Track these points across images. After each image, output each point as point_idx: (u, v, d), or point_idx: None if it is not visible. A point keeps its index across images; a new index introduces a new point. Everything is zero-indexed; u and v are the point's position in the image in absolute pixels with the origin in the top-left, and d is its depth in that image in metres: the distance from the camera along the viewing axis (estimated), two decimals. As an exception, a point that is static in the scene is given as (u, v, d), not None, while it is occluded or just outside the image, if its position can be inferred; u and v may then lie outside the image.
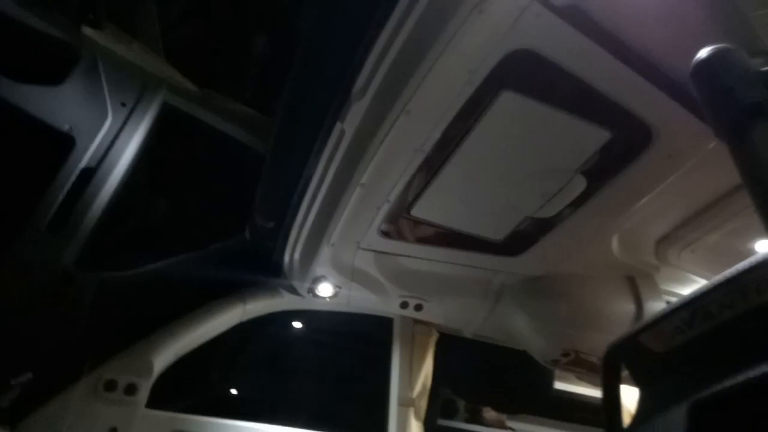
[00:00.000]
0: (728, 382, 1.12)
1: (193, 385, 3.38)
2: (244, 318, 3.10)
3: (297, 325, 3.64)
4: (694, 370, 1.20)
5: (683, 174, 2.55)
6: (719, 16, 1.94)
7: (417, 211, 2.76)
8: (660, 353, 1.29)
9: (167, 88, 3.55)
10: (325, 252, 2.86)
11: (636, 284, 3.33)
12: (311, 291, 3.10)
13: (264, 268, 3.12)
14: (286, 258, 2.97)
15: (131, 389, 2.78)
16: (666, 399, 1.23)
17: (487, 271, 3.23)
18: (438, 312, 3.44)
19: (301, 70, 2.64)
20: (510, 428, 4.74)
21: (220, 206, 3.69)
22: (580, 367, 3.35)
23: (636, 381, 1.37)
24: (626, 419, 1.53)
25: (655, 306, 3.17)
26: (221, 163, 3.88)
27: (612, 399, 1.41)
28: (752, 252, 2.66)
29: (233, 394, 3.61)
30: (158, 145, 3.48)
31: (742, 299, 1.13)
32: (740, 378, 1.10)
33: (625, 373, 1.56)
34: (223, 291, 3.15)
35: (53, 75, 3.03)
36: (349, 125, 2.23)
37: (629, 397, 1.54)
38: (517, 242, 3.01)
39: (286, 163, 2.79)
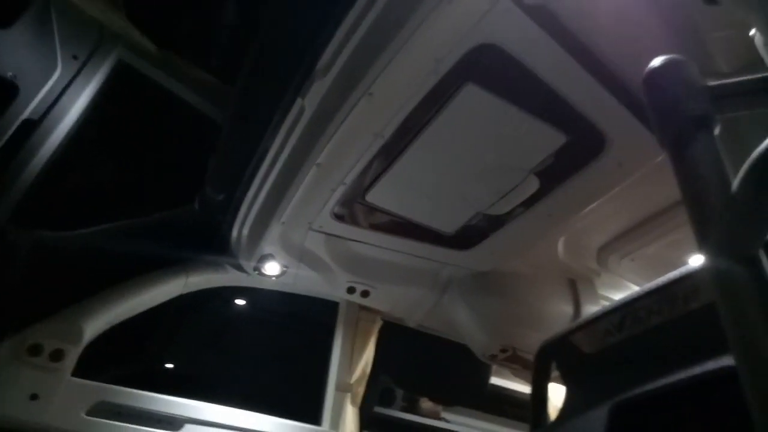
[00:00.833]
0: (649, 386, 1.17)
1: (125, 356, 3.27)
2: (186, 290, 3.01)
3: (239, 301, 3.57)
4: (619, 372, 1.24)
5: (630, 185, 2.64)
6: (678, 32, 2.00)
7: (372, 197, 2.74)
8: (589, 354, 1.33)
9: (124, 45, 3.40)
10: (274, 230, 2.80)
11: (576, 287, 3.44)
12: (257, 269, 3.04)
13: (210, 241, 3.04)
14: (234, 233, 2.90)
15: (57, 355, 2.66)
16: (590, 398, 1.27)
17: (437, 263, 3.26)
18: (384, 299, 3.45)
19: (267, 42, 2.57)
20: (444, 419, 4.83)
21: (170, 174, 3.57)
22: (516, 364, 3.44)
23: (564, 379, 1.41)
24: (553, 416, 1.57)
25: (592, 310, 3.27)
26: (175, 130, 3.75)
27: (540, 394, 1.45)
28: (686, 264, 2.78)
29: (168, 368, 3.52)
30: (110, 103, 3.32)
31: (669, 307, 1.17)
32: (660, 383, 1.15)
33: (556, 372, 1.60)
34: (166, 261, 3.05)
35: (-1, 17, 2.84)
36: (310, 102, 2.18)
37: (558, 395, 1.59)
38: (468, 237, 3.05)
39: (243, 135, 2.72)
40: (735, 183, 0.63)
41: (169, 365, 3.49)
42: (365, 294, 3.34)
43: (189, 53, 3.78)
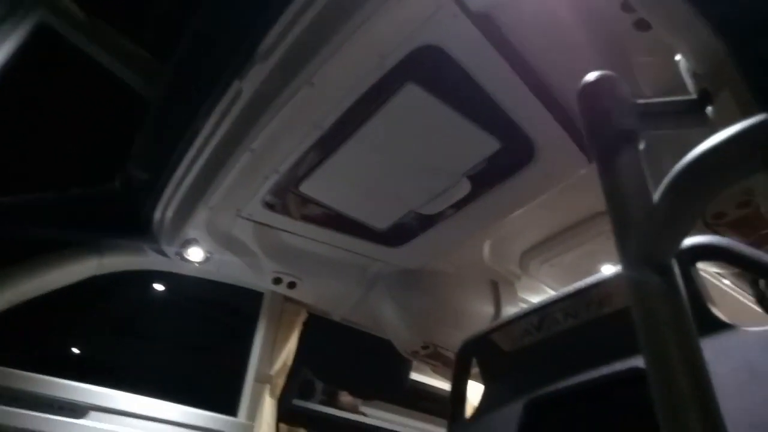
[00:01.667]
0: (562, 384, 1.23)
1: (29, 339, 3.04)
2: (100, 272, 2.83)
3: (158, 286, 3.42)
4: (536, 370, 1.29)
5: (553, 194, 2.77)
6: (609, 55, 2.13)
7: (306, 188, 2.71)
8: (508, 352, 1.38)
9: (48, 7, 3.14)
10: (201, 214, 2.70)
11: (498, 289, 3.57)
12: (180, 254, 2.91)
13: (130, 222, 2.88)
14: (157, 215, 2.76)
15: (-53, 335, 2.43)
16: (507, 394, 1.32)
17: (366, 258, 3.26)
18: (311, 292, 3.42)
19: (207, 20, 2.48)
20: (362, 413, 4.86)
21: (90, 149, 3.35)
22: (436, 361, 3.52)
23: (483, 375, 1.45)
24: (470, 413, 1.62)
25: (512, 311, 3.42)
26: (99, 103, 3.52)
27: (460, 389, 1.49)
28: (599, 272, 2.96)
29: (77, 354, 3.31)
30: (28, 69, 3.07)
31: (585, 310, 1.24)
32: (573, 381, 1.21)
33: (475, 369, 1.66)
34: (80, 240, 2.85)
35: None
36: (248, 85, 2.12)
37: (476, 393, 1.64)
38: (399, 234, 3.08)
39: (174, 114, 2.59)
40: (656, 194, 0.67)
41: (79, 350, 3.28)
42: (292, 285, 3.29)
43: (121, 23, 3.56)
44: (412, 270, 3.40)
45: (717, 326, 1.00)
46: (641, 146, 0.85)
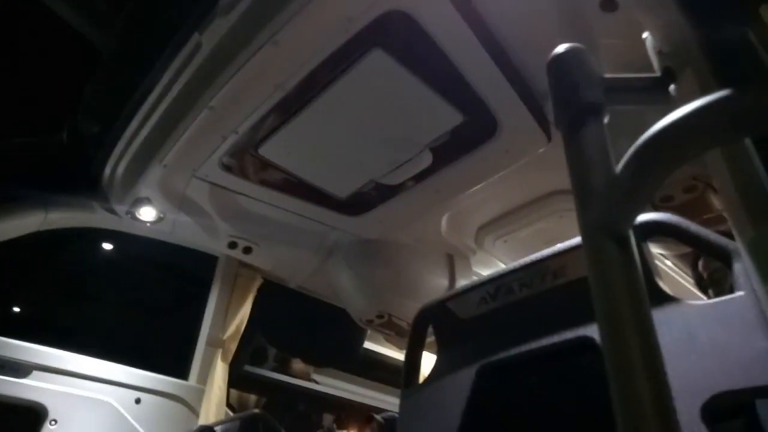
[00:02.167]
0: (514, 351, 1.27)
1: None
2: (45, 227, 2.70)
3: (108, 245, 3.30)
4: (489, 338, 1.33)
5: (513, 171, 2.81)
6: (574, 35, 2.15)
7: (265, 151, 2.64)
8: (464, 320, 1.41)
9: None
10: (154, 172, 2.60)
11: (453, 263, 3.63)
12: (131, 212, 2.81)
13: (78, 176, 2.74)
14: (107, 170, 2.65)
15: None
16: (461, 360, 1.35)
17: (325, 227, 3.24)
18: (267, 258, 3.38)
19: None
20: (314, 381, 4.91)
21: (37, 96, 3.16)
22: (390, 330, 3.57)
23: (438, 342, 1.48)
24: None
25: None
26: (48, 50, 3.31)
27: (414, 356, 1.51)
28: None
29: (19, 313, 3.17)
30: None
31: (540, 281, 1.28)
32: (524, 349, 1.25)
33: (429, 340, 1.68)
34: (23, 193, 2.70)
35: None
36: (208, 39, 2.03)
37: (428, 365, 1.67)
38: (358, 203, 3.07)
39: (128, 64, 2.47)
40: (619, 165, 0.68)
41: (21, 310, 3.15)
42: (247, 250, 3.25)
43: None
44: (370, 240, 3.41)
45: (662, 299, 1.05)
46: (606, 120, 0.86)
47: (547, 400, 1.17)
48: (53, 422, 2.55)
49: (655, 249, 2.71)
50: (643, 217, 1.10)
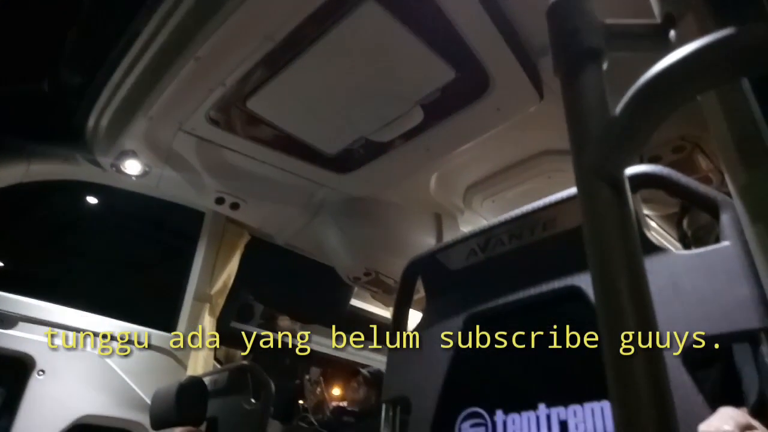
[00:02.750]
0: (502, 301, 1.29)
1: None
2: (27, 179, 2.64)
3: (94, 199, 3.25)
4: (478, 289, 1.35)
5: (503, 130, 2.80)
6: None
7: (253, 105, 2.60)
8: (453, 271, 1.43)
9: None
10: (139, 125, 2.54)
11: (441, 222, 3.65)
12: (115, 166, 2.76)
13: (61, 128, 2.68)
14: (91, 122, 2.58)
15: None
16: (449, 311, 1.37)
17: (313, 184, 3.22)
18: (254, 214, 3.36)
19: None
20: (300, 338, 4.97)
21: (17, 44, 3.04)
22: (377, 287, 3.60)
23: (427, 293, 1.50)
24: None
25: (453, 243, 3.51)
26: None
27: (403, 306, 1.54)
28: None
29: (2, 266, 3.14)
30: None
31: (530, 232, 1.29)
32: (511, 298, 1.27)
33: (416, 297, 1.70)
34: (5, 143, 2.63)
35: None
36: (195, -15, 1.96)
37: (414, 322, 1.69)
38: (347, 161, 3.05)
39: (112, 12, 2.38)
40: (618, 107, 0.68)
41: (5, 263, 3.11)
42: (235, 206, 3.23)
43: None
44: (358, 198, 3.40)
45: (650, 249, 1.06)
46: (604, 66, 0.85)
47: (533, 348, 1.20)
48: (41, 372, 2.56)
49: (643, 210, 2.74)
50: (633, 169, 1.11)
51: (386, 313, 4.63)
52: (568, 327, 1.13)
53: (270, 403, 2.35)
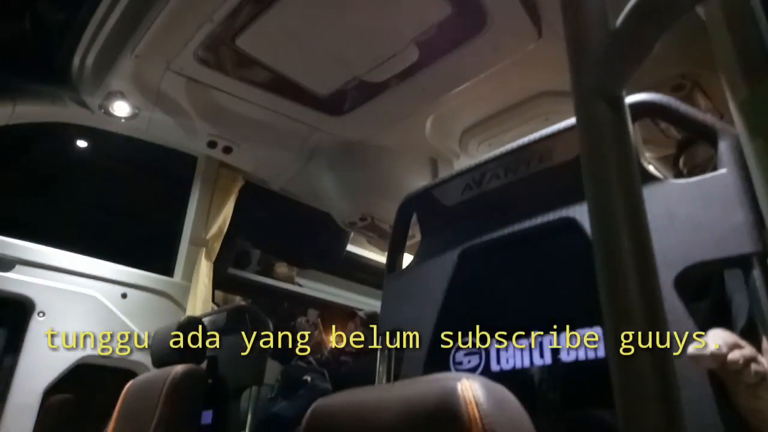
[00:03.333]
0: (496, 234, 1.29)
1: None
2: (13, 121, 2.58)
3: (84, 143, 3.19)
4: (473, 223, 1.35)
5: (500, 71, 2.73)
6: None
7: (243, 43, 2.51)
8: (448, 206, 1.42)
9: None
10: (126, 64, 2.47)
11: (437, 166, 3.63)
12: (103, 107, 2.70)
13: (44, 67, 2.59)
14: (76, 61, 2.50)
15: None
16: (444, 245, 1.38)
17: (306, 127, 3.17)
18: (248, 159, 3.33)
19: None
20: (298, 284, 5.04)
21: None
22: (373, 232, 3.62)
23: (423, 229, 1.50)
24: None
25: (448, 187, 3.50)
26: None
27: (398, 243, 1.54)
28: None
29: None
30: None
31: (525, 166, 1.27)
32: (507, 231, 1.27)
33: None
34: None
35: None
36: None
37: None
38: (341, 102, 2.99)
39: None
40: (619, 19, 0.65)
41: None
42: (227, 150, 3.18)
43: None
44: (352, 142, 3.36)
45: (647, 178, 1.05)
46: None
47: (526, 279, 1.21)
48: (41, 314, 2.59)
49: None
50: (633, 98, 1.09)
51: (382, 258, 4.66)
52: (561, 258, 1.13)
53: (268, 342, 2.40)
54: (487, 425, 0.74)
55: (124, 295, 2.88)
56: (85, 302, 2.74)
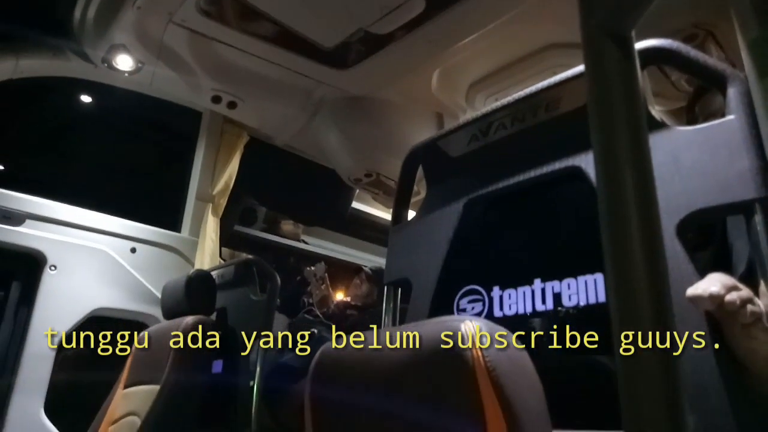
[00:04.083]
0: (501, 184, 1.30)
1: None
2: (16, 76, 2.56)
3: (88, 98, 3.18)
4: (479, 173, 1.35)
5: (508, 23, 2.67)
6: None
7: (245, -7, 2.46)
8: (454, 157, 1.42)
9: None
10: (128, 16, 2.43)
11: (443, 121, 3.59)
12: (106, 61, 2.67)
13: (45, 20, 2.56)
14: (77, 14, 2.46)
15: None
16: (449, 195, 1.38)
17: (311, 81, 3.13)
18: (252, 114, 3.30)
19: None
20: (304, 241, 5.08)
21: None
22: (378, 189, 3.62)
23: (428, 180, 1.51)
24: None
25: (454, 143, 3.47)
26: None
27: (404, 194, 1.55)
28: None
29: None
30: None
31: (532, 115, 1.27)
32: (512, 181, 1.28)
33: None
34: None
35: None
36: None
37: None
38: (346, 55, 2.94)
39: None
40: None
41: (4, 164, 3.10)
42: (232, 105, 3.16)
43: None
44: (357, 97, 3.32)
45: (653, 125, 1.05)
46: None
47: (530, 228, 1.22)
48: (53, 268, 2.65)
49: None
50: (642, 44, 1.07)
51: (387, 215, 4.68)
52: (566, 208, 1.14)
53: (276, 295, 2.44)
54: (489, 364, 0.77)
55: (133, 250, 2.93)
56: (95, 256, 2.79)
